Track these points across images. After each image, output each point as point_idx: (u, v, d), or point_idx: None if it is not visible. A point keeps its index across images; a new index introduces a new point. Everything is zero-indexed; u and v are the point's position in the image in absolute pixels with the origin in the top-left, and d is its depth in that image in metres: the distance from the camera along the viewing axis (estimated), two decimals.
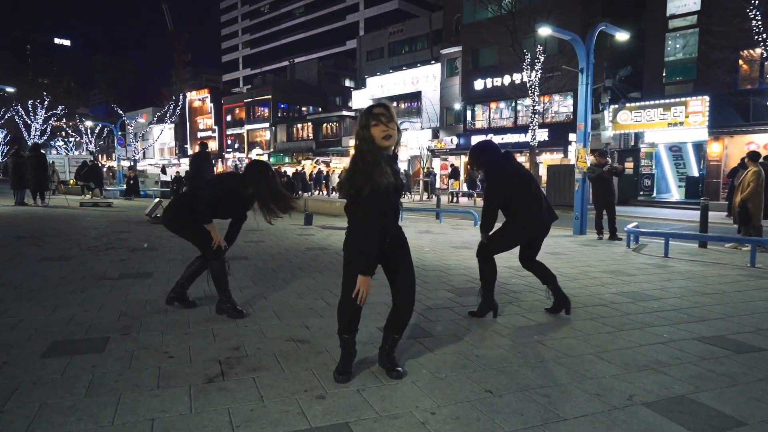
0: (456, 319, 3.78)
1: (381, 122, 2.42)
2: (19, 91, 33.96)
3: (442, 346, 3.16)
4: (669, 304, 4.37)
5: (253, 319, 3.64)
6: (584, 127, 10.16)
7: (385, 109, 2.45)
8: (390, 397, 2.40)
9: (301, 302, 4.17)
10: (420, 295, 4.51)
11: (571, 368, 2.82)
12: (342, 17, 63.88)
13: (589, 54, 10.10)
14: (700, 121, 18.18)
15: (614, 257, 7.05)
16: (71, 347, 2.97)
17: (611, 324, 3.73)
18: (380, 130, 2.42)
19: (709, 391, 2.55)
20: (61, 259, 5.85)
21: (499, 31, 20.94)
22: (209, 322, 3.55)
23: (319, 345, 3.12)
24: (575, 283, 5.22)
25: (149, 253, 6.41)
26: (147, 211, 10.62)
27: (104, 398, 2.31)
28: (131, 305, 3.93)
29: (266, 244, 7.52)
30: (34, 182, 12.71)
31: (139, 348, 2.98)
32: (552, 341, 3.29)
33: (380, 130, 2.42)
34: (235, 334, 3.28)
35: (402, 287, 2.61)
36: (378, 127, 2.42)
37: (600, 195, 9.25)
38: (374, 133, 2.42)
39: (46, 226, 9.14)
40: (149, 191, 23.80)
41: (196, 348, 3.01)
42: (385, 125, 2.42)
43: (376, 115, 2.43)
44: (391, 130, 2.43)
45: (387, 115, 2.43)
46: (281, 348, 3.05)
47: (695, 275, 5.79)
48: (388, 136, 2.43)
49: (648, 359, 2.99)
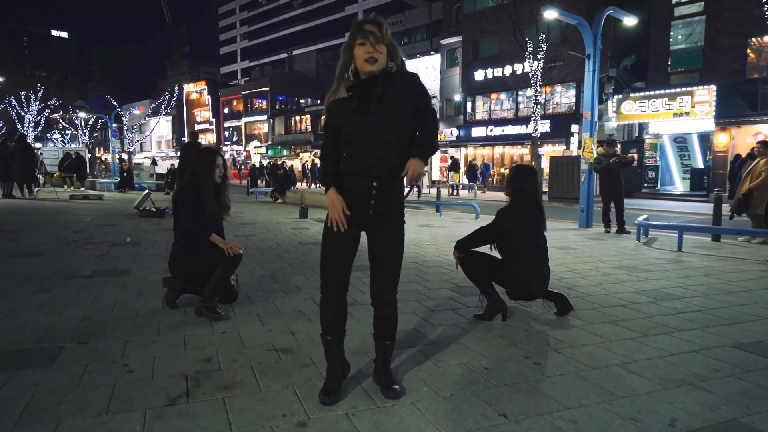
0: (460, 322, 3.38)
1: (368, 41, 2.02)
2: (12, 81, 33.42)
3: (446, 356, 2.75)
4: (694, 304, 3.97)
5: (233, 323, 3.23)
6: (591, 116, 9.73)
7: (377, 27, 2.04)
8: (385, 423, 2.00)
9: (289, 303, 3.76)
10: (420, 294, 4.11)
11: (597, 384, 2.42)
12: (341, 8, 63.08)
13: (596, 39, 9.65)
14: (706, 111, 17.72)
15: (625, 251, 6.65)
16: (16, 359, 2.56)
17: (634, 328, 3.32)
18: (365, 50, 2.02)
19: (764, 413, 2.15)
20: (33, 254, 5.43)
21: (500, 20, 20.43)
22: (182, 327, 3.14)
23: (304, 356, 2.71)
24: (587, 280, 4.82)
25: (131, 248, 6.00)
26: (135, 203, 10.20)
27: (38, 427, 1.91)
28: (98, 307, 3.52)
29: (257, 239, 7.11)
30: (21, 174, 12.26)
31: (95, 360, 2.57)
32: (571, 350, 2.89)
33: (364, 51, 2.02)
34: (209, 342, 2.87)
35: (377, 282, 2.24)
36: (364, 46, 2.02)
37: (608, 187, 8.83)
38: (357, 53, 2.04)
39: (28, 219, 8.72)
40: (144, 184, 23.37)
41: (162, 360, 2.60)
42: (372, 45, 2.02)
43: (365, 32, 2.02)
44: (378, 53, 2.03)
45: (377, 34, 2.02)
46: (261, 359, 2.64)
47: (715, 271, 5.39)
48: (373, 59, 2.02)
49: (684, 372, 2.59)
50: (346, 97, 2.09)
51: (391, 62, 2.11)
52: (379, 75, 2.07)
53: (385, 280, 2.24)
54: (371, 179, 2.09)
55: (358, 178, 2.10)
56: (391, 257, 2.23)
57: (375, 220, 2.17)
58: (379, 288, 2.25)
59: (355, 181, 2.11)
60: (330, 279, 2.19)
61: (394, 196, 2.18)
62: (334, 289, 2.19)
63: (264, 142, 47.95)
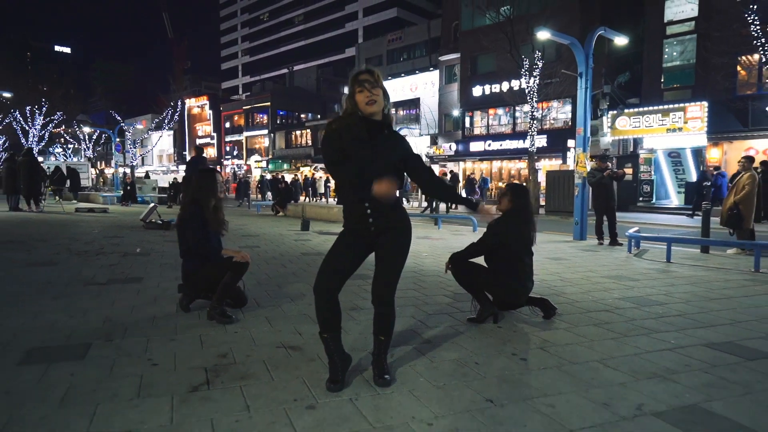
0: (455, 324, 3.64)
1: (365, 88, 2.40)
2: (18, 97, 33.91)
3: (441, 353, 3.01)
4: (674, 310, 4.23)
5: (244, 325, 3.49)
6: (584, 131, 10.06)
7: (370, 75, 2.42)
8: (385, 407, 2.26)
9: (294, 308, 4.02)
10: (418, 300, 4.37)
11: (576, 376, 2.68)
12: (341, 25, 64.13)
13: (588, 58, 10.03)
14: (698, 126, 18.13)
15: (616, 262, 6.92)
16: (50, 354, 2.82)
17: (616, 330, 3.58)
18: (364, 96, 2.40)
19: (722, 400, 2.41)
20: (48, 264, 5.70)
21: (497, 38, 20.90)
22: (197, 328, 3.41)
23: (311, 352, 2.97)
24: (577, 287, 5.08)
25: (141, 258, 6.26)
26: (142, 216, 10.48)
27: (79, 408, 2.16)
28: (117, 311, 3.78)
29: (261, 249, 7.38)
30: (27, 187, 12.55)
31: (122, 355, 2.83)
32: (555, 348, 3.15)
33: (364, 96, 2.40)
34: (223, 341, 3.13)
35: (377, 284, 2.50)
36: (362, 93, 2.40)
37: (600, 200, 9.14)
38: (358, 99, 2.41)
39: (37, 231, 8.99)
40: (146, 197, 23.68)
41: (182, 355, 2.86)
42: (369, 91, 2.39)
43: (360, 81, 2.41)
44: (375, 96, 2.40)
45: (371, 81, 2.40)
46: (271, 355, 2.90)
47: (699, 280, 5.65)
48: (372, 101, 2.40)
49: (656, 366, 2.85)
50: (355, 125, 2.42)
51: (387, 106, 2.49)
52: (383, 122, 2.47)
53: (384, 281, 2.49)
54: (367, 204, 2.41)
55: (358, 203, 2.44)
56: (391, 261, 2.49)
57: (378, 233, 2.47)
58: (379, 288, 2.49)
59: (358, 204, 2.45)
60: (319, 283, 2.50)
61: (392, 214, 2.48)
62: (321, 293, 2.49)
63: (265, 156, 48.41)
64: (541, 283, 5.28)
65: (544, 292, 4.77)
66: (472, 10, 26.20)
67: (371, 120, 2.44)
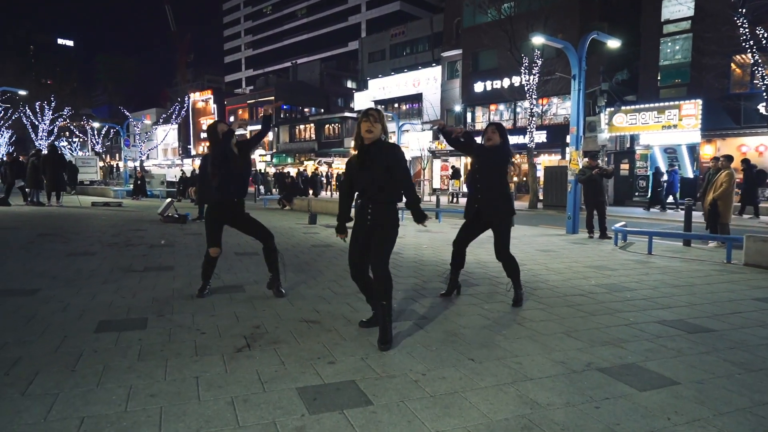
0: (448, 305, 4.28)
1: (369, 121, 3.20)
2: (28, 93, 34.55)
3: (434, 326, 3.65)
4: (641, 295, 4.86)
5: (270, 305, 4.14)
6: (576, 130, 10.65)
7: (377, 112, 3.24)
8: (389, 363, 2.90)
9: (310, 291, 4.67)
10: (417, 285, 5.01)
11: (543, 343, 3.32)
12: (344, 19, 64.46)
13: (581, 61, 10.59)
14: (693, 124, 18.67)
15: (601, 254, 7.53)
16: (117, 325, 3.47)
17: (585, 310, 4.22)
18: (365, 126, 3.21)
19: (656, 360, 3.04)
20: (86, 254, 6.36)
21: (498, 35, 21.41)
22: (232, 305, 4.06)
23: (328, 325, 3.62)
24: (559, 276, 5.71)
25: (167, 249, 6.92)
26: (160, 210, 11.13)
27: (154, 362, 2.82)
28: (160, 293, 4.44)
29: None
30: (51, 182, 13.22)
31: (175, 326, 3.48)
32: (530, 323, 3.79)
33: (365, 126, 3.21)
34: (255, 316, 3.78)
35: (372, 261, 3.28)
36: (365, 123, 3.21)
37: (590, 196, 9.76)
38: (361, 126, 3.22)
39: (65, 224, 9.66)
40: (155, 191, 24.37)
41: (223, 326, 3.51)
42: (370, 124, 3.19)
43: (367, 115, 3.22)
44: (373, 128, 3.19)
45: (375, 116, 3.21)
46: (295, 327, 3.55)
47: (672, 270, 6.27)
48: (369, 131, 3.20)
49: (611, 337, 3.48)
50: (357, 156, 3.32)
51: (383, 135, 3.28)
52: (372, 144, 3.24)
53: (376, 257, 3.25)
54: (368, 205, 3.29)
55: (361, 205, 3.33)
56: (380, 244, 3.27)
57: (372, 227, 3.29)
58: (373, 261, 3.28)
59: (361, 207, 3.34)
60: (350, 259, 3.44)
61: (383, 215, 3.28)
62: (353, 266, 3.44)
63: (269, 150, 49.02)
64: (527, 272, 5.91)
65: (530, 280, 5.40)
66: (474, 8, 26.64)
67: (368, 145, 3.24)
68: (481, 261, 6.50)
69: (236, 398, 2.40)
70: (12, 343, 3.06)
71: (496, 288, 5.01)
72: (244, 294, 4.50)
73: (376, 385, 2.60)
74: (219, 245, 4.31)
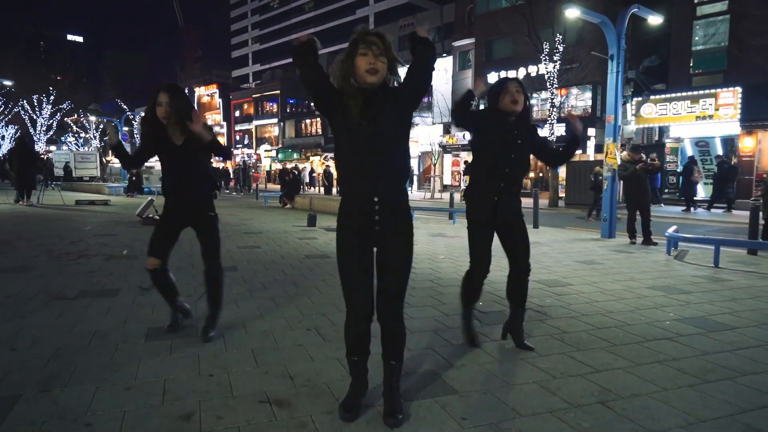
0: (487, 363, 2.92)
1: (371, 52, 1.99)
2: (25, 85, 33.56)
3: (471, 411, 2.30)
4: (751, 337, 3.47)
5: (224, 362, 2.81)
6: (614, 119, 9.22)
7: (380, 39, 2.01)
8: None
9: (289, 334, 3.33)
10: (436, 321, 3.66)
11: None
12: (351, 12, 62.93)
13: (620, 38, 9.19)
14: (731, 113, 17.04)
15: (656, 267, 6.14)
16: None
17: (689, 371, 2.84)
18: (366, 61, 1.99)
19: None
20: (20, 270, 5.07)
21: (514, 21, 19.89)
22: (165, 367, 2.72)
23: (301, 409, 2.27)
24: (622, 304, 4.32)
25: (125, 262, 5.62)
26: (138, 211, 9.87)
27: None
28: (75, 339, 3.12)
29: (261, 251, 6.70)
30: (18, 179, 11.89)
31: (54, 417, 2.15)
32: (620, 401, 2.42)
33: (366, 61, 1.99)
34: (192, 390, 2.45)
35: (384, 299, 2.14)
36: (366, 57, 1.99)
37: (633, 195, 8.34)
38: (358, 62, 2.00)
39: (24, 228, 8.42)
40: (153, 188, 23.17)
41: (132, 416, 2.18)
42: (374, 57, 1.99)
43: (368, 42, 1.99)
44: (379, 64, 2.00)
45: (380, 45, 2.00)
46: (250, 417, 2.20)
47: (762, 293, 4.87)
48: (375, 71, 2.00)
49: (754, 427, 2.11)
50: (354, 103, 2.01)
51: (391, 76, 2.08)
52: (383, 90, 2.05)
53: (393, 294, 2.15)
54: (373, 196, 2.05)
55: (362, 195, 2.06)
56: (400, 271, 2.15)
57: (383, 234, 2.10)
58: (388, 301, 2.14)
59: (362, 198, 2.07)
60: (357, 305, 2.13)
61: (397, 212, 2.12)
62: (360, 318, 2.13)
63: (275, 145, 47.79)
64: (578, 296, 4.55)
65: (587, 312, 4.03)
66: None
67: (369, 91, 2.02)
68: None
69: None
70: None
71: (545, 325, 3.64)
72: (194, 339, 3.17)
73: None
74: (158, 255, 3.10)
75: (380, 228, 2.08)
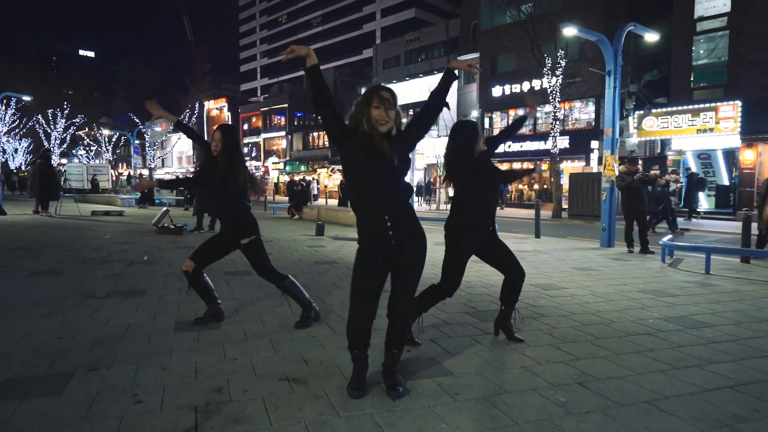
0: (481, 353, 3.25)
1: (383, 107, 2.38)
2: (41, 100, 34.45)
3: (465, 389, 2.64)
4: (725, 333, 3.78)
5: (246, 350, 3.16)
6: (612, 132, 9.56)
7: (391, 95, 2.41)
8: None
9: (301, 329, 3.68)
10: (438, 320, 4.00)
11: (627, 425, 2.28)
12: (359, 27, 64.01)
13: (616, 55, 9.53)
14: (731, 127, 17.33)
15: (650, 273, 6.44)
16: (26, 387, 2.52)
17: (663, 359, 3.16)
18: (380, 113, 2.38)
19: None
20: (51, 273, 5.47)
21: (518, 36, 20.39)
22: (194, 353, 3.09)
23: (316, 386, 2.62)
24: (611, 305, 4.64)
25: (147, 267, 6.01)
26: (154, 220, 10.29)
27: None
28: (111, 331, 3.49)
29: (273, 258, 7.01)
30: (39, 192, 12.38)
31: (105, 388, 2.52)
32: (596, 383, 2.75)
33: (380, 114, 2.38)
34: (220, 371, 2.80)
35: (395, 300, 2.52)
36: (379, 110, 2.38)
37: (630, 205, 8.65)
38: (373, 113, 2.38)
39: (48, 236, 8.85)
40: (164, 200, 23.68)
41: (172, 389, 2.54)
42: (385, 112, 2.38)
43: (381, 98, 2.38)
44: (389, 119, 2.40)
45: (390, 101, 2.40)
46: (272, 390, 2.56)
47: (746, 296, 5.16)
48: (385, 122, 2.39)
49: (721, 413, 2.42)
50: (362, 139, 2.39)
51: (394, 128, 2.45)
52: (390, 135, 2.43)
53: (405, 297, 2.51)
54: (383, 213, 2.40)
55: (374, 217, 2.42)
56: (412, 277, 2.52)
57: (399, 247, 2.45)
58: (400, 303, 2.50)
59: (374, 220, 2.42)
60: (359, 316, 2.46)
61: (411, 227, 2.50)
62: (358, 320, 2.46)
63: (282, 157, 48.44)
64: (571, 298, 4.87)
65: (577, 311, 4.36)
66: (492, 9, 25.66)
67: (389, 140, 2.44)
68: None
69: None
70: None
71: (537, 322, 3.96)
72: (218, 332, 3.53)
73: None
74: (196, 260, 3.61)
75: (395, 241, 2.41)
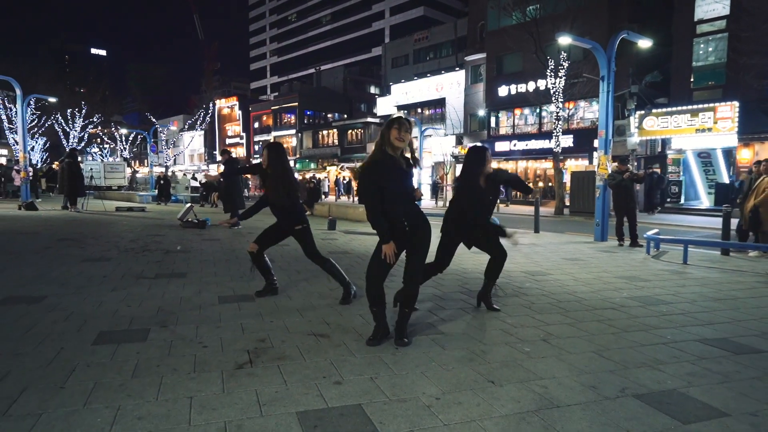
0: (469, 319, 4.00)
1: (402, 130, 3.14)
2: (60, 101, 35.58)
3: (452, 342, 3.39)
4: (678, 309, 4.49)
5: (278, 316, 3.94)
6: (605, 134, 10.22)
7: (409, 124, 3.20)
8: (400, 384, 2.65)
9: (322, 302, 4.45)
10: (436, 297, 4.75)
11: (571, 364, 3.02)
12: (368, 25, 64.70)
13: (610, 62, 10.17)
14: (729, 127, 17.88)
15: (632, 263, 7.13)
16: (117, 336, 3.32)
17: (617, 326, 3.89)
18: (398, 133, 3.13)
19: (700, 387, 2.71)
20: (101, 259, 6.29)
21: (522, 38, 21.00)
22: (239, 317, 3.87)
23: (337, 339, 3.39)
24: (588, 287, 5.36)
25: (182, 255, 6.81)
26: (179, 215, 11.12)
27: (148, 379, 2.63)
28: (168, 302, 4.29)
29: (290, 248, 7.84)
30: (68, 188, 13.30)
31: (177, 339, 3.31)
32: (557, 340, 3.49)
33: (398, 133, 3.13)
34: (261, 329, 3.58)
35: (409, 269, 3.26)
36: (398, 130, 3.13)
37: (620, 202, 9.32)
38: (392, 133, 3.13)
39: (85, 229, 9.71)
40: (180, 196, 24.61)
41: (227, 339, 3.32)
42: (402, 132, 3.14)
43: (401, 122, 3.15)
44: (405, 137, 3.15)
45: (407, 128, 3.16)
46: (303, 341, 3.33)
47: (711, 281, 5.85)
48: (402, 140, 3.14)
49: (647, 358, 3.16)
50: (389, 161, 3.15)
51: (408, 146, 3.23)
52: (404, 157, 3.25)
53: (416, 267, 3.27)
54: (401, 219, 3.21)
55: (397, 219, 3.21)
56: (422, 251, 3.28)
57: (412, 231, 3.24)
58: (412, 271, 3.26)
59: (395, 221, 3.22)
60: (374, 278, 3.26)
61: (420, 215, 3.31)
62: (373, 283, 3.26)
63: (292, 155, 49.33)
64: (554, 282, 5.58)
65: (556, 291, 5.08)
66: (498, 11, 26.24)
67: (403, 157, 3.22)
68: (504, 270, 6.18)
69: (229, 423, 2.18)
70: (5, 355, 2.93)
71: (520, 299, 4.70)
72: (254, 304, 4.31)
73: (384, 410, 2.35)
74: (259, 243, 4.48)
75: (409, 229, 3.22)
